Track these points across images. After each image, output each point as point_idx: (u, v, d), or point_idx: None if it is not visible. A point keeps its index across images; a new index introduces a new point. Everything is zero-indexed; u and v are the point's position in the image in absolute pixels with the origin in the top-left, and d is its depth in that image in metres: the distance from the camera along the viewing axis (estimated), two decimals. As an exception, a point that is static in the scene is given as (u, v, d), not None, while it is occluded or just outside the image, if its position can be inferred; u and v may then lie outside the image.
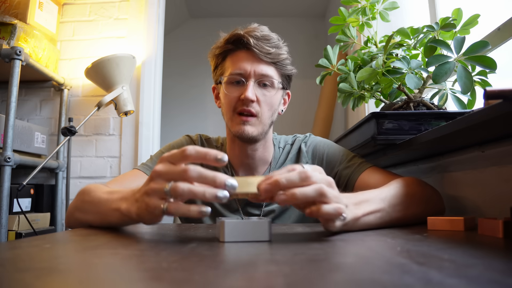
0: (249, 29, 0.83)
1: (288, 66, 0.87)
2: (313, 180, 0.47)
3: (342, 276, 0.29)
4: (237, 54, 0.84)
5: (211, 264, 0.35)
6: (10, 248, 0.45)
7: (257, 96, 0.82)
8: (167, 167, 0.47)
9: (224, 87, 0.85)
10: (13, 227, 1.54)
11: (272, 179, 0.46)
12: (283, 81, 0.88)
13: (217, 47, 0.87)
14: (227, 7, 3.51)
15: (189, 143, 0.95)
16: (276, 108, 0.87)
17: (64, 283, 0.28)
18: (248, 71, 0.82)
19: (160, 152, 0.93)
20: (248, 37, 0.81)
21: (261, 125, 0.84)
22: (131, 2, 2.06)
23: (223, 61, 0.87)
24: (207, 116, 3.54)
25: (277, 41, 0.85)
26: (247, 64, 0.82)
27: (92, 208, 0.64)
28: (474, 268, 0.31)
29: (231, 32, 0.84)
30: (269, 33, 0.85)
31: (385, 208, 0.60)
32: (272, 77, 0.84)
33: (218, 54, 0.87)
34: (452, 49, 0.75)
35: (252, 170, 0.91)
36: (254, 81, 0.82)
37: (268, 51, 0.82)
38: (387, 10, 0.96)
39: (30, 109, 2.01)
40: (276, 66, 0.85)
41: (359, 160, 0.86)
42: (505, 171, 0.67)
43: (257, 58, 0.82)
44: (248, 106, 0.81)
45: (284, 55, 0.85)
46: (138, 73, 1.99)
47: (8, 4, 1.76)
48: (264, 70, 0.83)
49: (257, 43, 0.81)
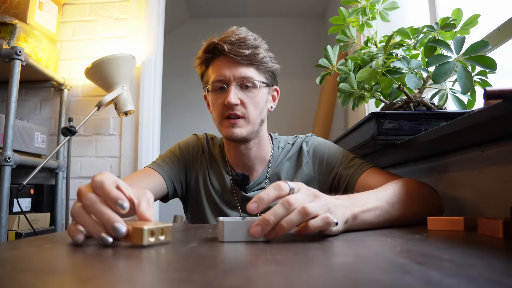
0: (224, 35, 0.85)
1: (268, 64, 0.88)
2: (294, 203, 0.47)
3: (342, 276, 0.29)
4: (216, 62, 0.87)
5: (211, 264, 0.35)
6: (10, 248, 0.45)
7: (241, 99, 0.84)
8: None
9: (210, 96, 0.89)
10: (13, 227, 1.54)
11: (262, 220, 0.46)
12: (266, 78, 0.89)
13: (198, 57, 0.90)
14: (227, 7, 3.51)
15: (196, 142, 0.99)
16: (263, 106, 0.89)
17: (64, 283, 0.28)
18: (228, 77, 0.84)
19: (169, 151, 0.97)
20: (222, 44, 0.83)
21: (250, 125, 0.86)
22: (131, 2, 2.06)
23: (207, 69, 0.90)
24: (207, 116, 3.51)
25: (254, 41, 0.86)
26: (226, 70, 0.85)
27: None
28: (474, 268, 0.31)
29: (208, 41, 0.87)
30: (246, 34, 0.86)
31: (383, 206, 0.60)
32: (252, 78, 0.85)
33: (200, 64, 0.90)
34: (452, 49, 0.75)
35: (250, 169, 0.93)
36: (235, 85, 0.85)
37: (244, 53, 0.83)
38: (387, 10, 0.96)
39: (30, 109, 2.01)
40: (255, 66, 0.86)
41: (360, 161, 0.86)
42: (505, 171, 0.67)
43: (235, 62, 0.84)
44: (234, 110, 0.84)
45: (261, 54, 0.86)
46: (138, 73, 1.99)
47: (8, 4, 1.76)
48: (243, 73, 0.85)
49: (232, 48, 0.83)
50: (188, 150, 0.97)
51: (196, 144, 0.98)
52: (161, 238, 0.44)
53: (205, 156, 0.97)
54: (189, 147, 0.97)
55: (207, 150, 0.97)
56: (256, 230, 0.46)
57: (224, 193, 0.92)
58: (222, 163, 0.95)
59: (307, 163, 0.92)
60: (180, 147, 0.97)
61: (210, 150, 0.97)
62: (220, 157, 0.96)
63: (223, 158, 0.96)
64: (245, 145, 0.90)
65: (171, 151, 0.96)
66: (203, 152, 0.97)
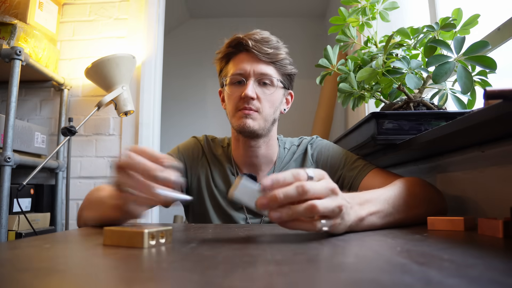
0: (249, 33, 0.88)
1: (287, 66, 0.90)
2: (309, 192, 0.45)
3: (342, 276, 0.29)
4: (238, 57, 0.89)
5: (211, 264, 0.35)
6: (10, 248, 0.45)
7: (258, 94, 0.86)
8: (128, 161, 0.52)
9: (227, 88, 0.90)
10: (13, 227, 1.54)
11: (271, 195, 0.45)
12: (283, 80, 0.90)
13: (220, 51, 0.92)
14: (227, 7, 3.51)
15: (196, 144, 0.98)
16: (277, 106, 0.90)
17: (64, 283, 0.28)
18: (248, 71, 0.86)
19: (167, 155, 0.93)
20: (247, 39, 0.86)
21: (263, 120, 0.86)
22: (131, 2, 2.06)
23: (227, 64, 0.92)
24: (207, 116, 3.54)
25: (276, 42, 0.89)
26: (247, 65, 0.87)
27: (96, 207, 0.69)
28: (474, 268, 0.31)
29: (233, 36, 0.89)
30: (269, 36, 0.89)
31: (388, 208, 0.60)
32: (271, 75, 0.87)
33: (221, 58, 0.92)
34: (452, 49, 0.75)
35: (257, 169, 0.92)
36: (254, 80, 0.86)
37: (266, 51, 0.86)
38: (387, 10, 0.96)
39: (30, 109, 2.01)
40: (275, 65, 0.88)
41: (363, 163, 0.86)
42: (505, 171, 0.67)
43: (256, 59, 0.87)
44: (249, 104, 0.85)
45: (282, 55, 0.88)
46: (138, 73, 1.99)
47: (8, 4, 1.76)
48: (263, 69, 0.87)
49: (255, 45, 0.86)
50: (187, 153, 0.96)
51: (196, 146, 0.98)
52: (161, 241, 0.44)
53: (206, 157, 0.96)
54: (188, 150, 0.96)
55: (208, 151, 0.97)
56: (262, 202, 0.45)
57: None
58: (227, 163, 0.94)
59: (312, 166, 0.92)
60: (179, 150, 0.96)
61: (212, 151, 0.97)
62: (225, 158, 0.95)
63: (228, 158, 0.95)
64: (254, 141, 0.89)
65: (170, 155, 0.95)
66: (204, 154, 0.97)
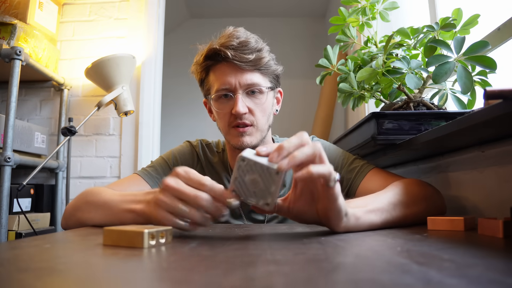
0: (224, 40, 0.80)
1: (272, 67, 0.84)
2: (308, 139, 0.50)
3: (342, 276, 0.29)
4: (218, 68, 0.82)
5: (211, 264, 0.35)
6: (10, 248, 0.45)
7: (248, 107, 0.81)
8: (181, 186, 0.50)
9: (214, 104, 0.84)
10: (13, 227, 1.54)
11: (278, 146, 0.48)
12: (271, 81, 0.86)
13: (197, 63, 0.85)
14: (227, 7, 3.51)
15: (190, 149, 0.95)
16: (270, 111, 0.86)
17: (64, 283, 0.28)
18: (233, 84, 0.80)
19: (161, 159, 0.92)
20: (225, 50, 0.78)
21: (259, 132, 0.83)
22: (131, 2, 2.06)
23: (207, 75, 0.85)
24: (207, 116, 3.52)
25: (255, 43, 0.81)
26: (231, 77, 0.80)
27: (101, 209, 0.67)
28: (474, 268, 0.31)
29: (207, 47, 0.82)
30: (246, 36, 0.81)
31: (386, 207, 0.60)
32: (259, 84, 0.82)
33: (200, 70, 0.86)
34: (452, 49, 0.75)
35: None
36: (241, 92, 0.80)
37: (248, 59, 0.79)
38: (387, 10, 0.96)
39: (30, 109, 2.01)
40: (260, 71, 0.82)
41: (360, 163, 0.84)
42: (505, 171, 0.67)
43: (239, 69, 0.80)
44: (242, 119, 0.80)
45: (265, 58, 0.82)
46: (138, 73, 1.99)
47: (8, 4, 1.76)
48: (249, 79, 0.80)
49: (235, 54, 0.78)
50: (182, 160, 0.92)
51: (191, 153, 0.94)
52: (161, 241, 0.45)
53: (201, 165, 0.93)
54: (183, 157, 0.92)
55: (203, 158, 0.93)
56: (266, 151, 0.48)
57: None
58: (223, 172, 0.91)
59: None
60: (174, 156, 0.92)
61: (208, 159, 0.93)
62: (221, 166, 0.92)
63: (225, 166, 0.92)
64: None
65: (164, 160, 0.91)
66: (199, 161, 0.93)
